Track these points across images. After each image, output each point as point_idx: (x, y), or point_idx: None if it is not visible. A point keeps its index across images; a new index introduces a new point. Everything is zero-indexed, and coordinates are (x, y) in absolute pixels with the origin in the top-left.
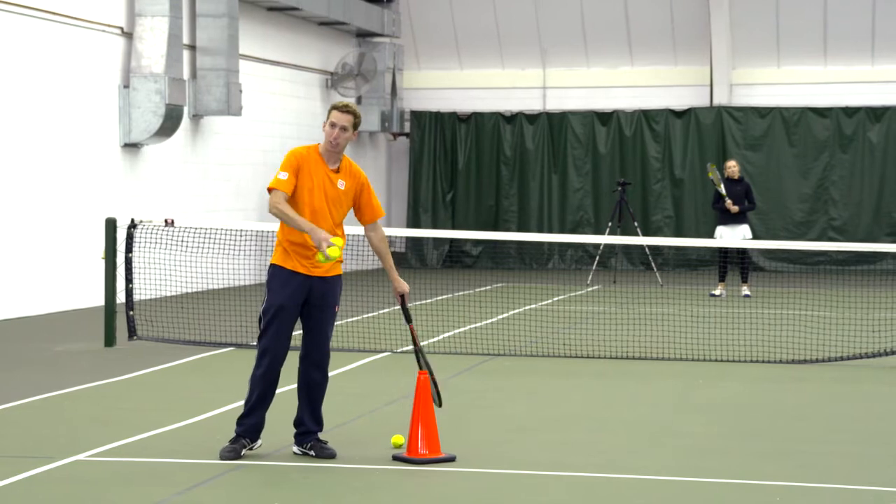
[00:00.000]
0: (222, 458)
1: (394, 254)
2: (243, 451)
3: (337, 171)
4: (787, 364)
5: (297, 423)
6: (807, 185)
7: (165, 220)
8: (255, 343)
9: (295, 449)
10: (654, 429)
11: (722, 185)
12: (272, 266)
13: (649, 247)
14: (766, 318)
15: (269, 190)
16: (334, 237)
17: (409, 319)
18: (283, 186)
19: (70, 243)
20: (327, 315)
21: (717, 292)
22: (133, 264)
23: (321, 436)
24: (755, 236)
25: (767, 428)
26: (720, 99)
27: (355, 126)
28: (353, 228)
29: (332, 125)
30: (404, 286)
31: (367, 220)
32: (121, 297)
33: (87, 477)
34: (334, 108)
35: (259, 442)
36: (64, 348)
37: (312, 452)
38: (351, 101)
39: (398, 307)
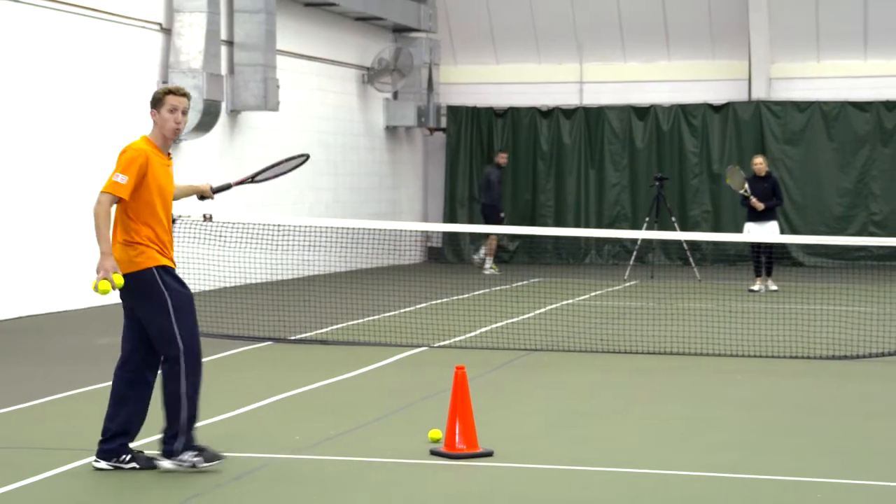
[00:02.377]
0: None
1: (430, 249)
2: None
3: (169, 157)
4: (826, 360)
5: (122, 433)
6: (846, 180)
7: (204, 215)
8: (294, 338)
9: (103, 464)
10: (693, 424)
11: (746, 185)
12: (155, 269)
13: (687, 242)
14: (805, 314)
15: (102, 191)
16: (116, 274)
17: (229, 186)
18: (121, 191)
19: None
20: None
21: (755, 288)
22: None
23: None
24: (793, 231)
25: (807, 424)
26: (758, 93)
27: (189, 108)
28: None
29: (173, 109)
30: (206, 185)
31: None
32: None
33: (126, 470)
34: (168, 92)
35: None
36: (106, 342)
37: (135, 465)
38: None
39: (428, 303)
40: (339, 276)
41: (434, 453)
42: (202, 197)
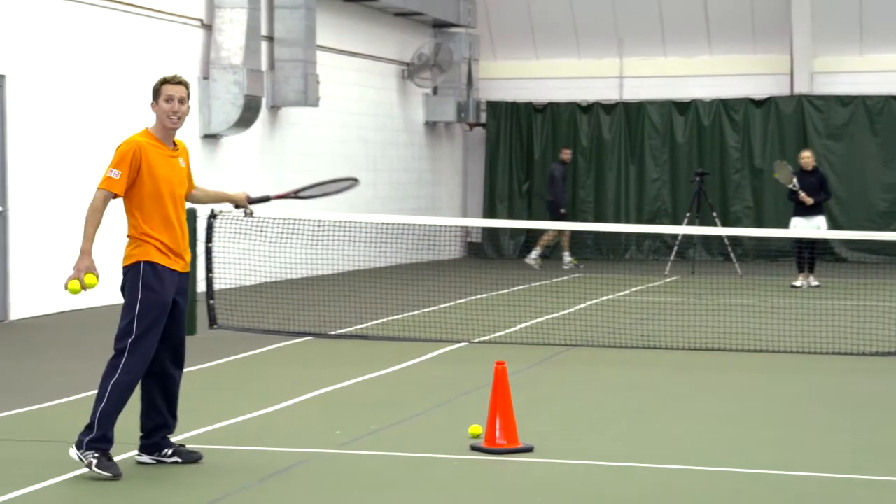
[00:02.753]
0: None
1: (470, 244)
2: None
3: (175, 149)
4: (870, 356)
5: (156, 427)
6: (891, 175)
7: (245, 211)
8: (334, 333)
9: (146, 458)
10: (734, 421)
11: (795, 180)
12: (145, 263)
13: (728, 237)
14: (848, 310)
15: (97, 188)
16: (90, 274)
17: (268, 199)
18: (115, 187)
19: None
20: (185, 310)
21: (797, 283)
22: (213, 254)
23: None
24: (836, 226)
25: (849, 421)
26: (801, 87)
27: (189, 97)
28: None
29: (170, 99)
30: (242, 195)
31: (189, 189)
32: (201, 287)
33: (169, 463)
34: (165, 81)
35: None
36: None
37: (177, 459)
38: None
39: (468, 298)
40: (378, 271)
41: (474, 449)
42: (238, 206)
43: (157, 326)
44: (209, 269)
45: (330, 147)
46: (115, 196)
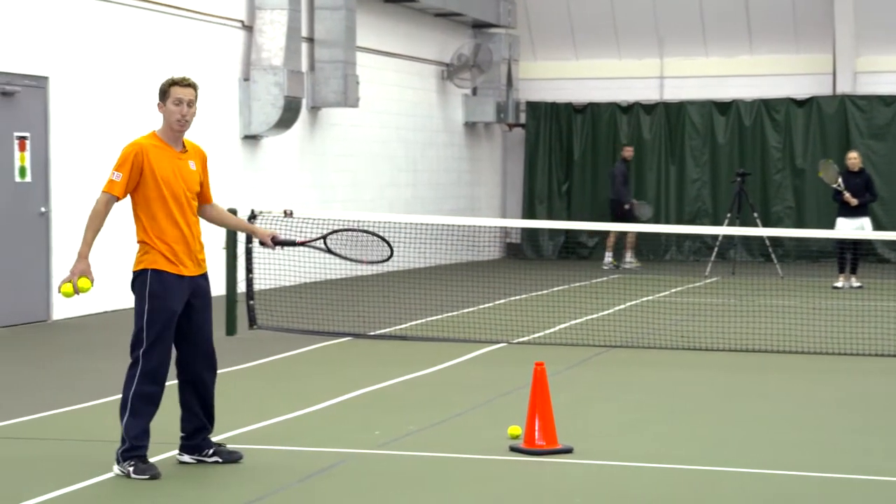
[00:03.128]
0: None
1: (509, 245)
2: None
3: (184, 151)
4: None
5: (195, 430)
6: None
7: (284, 211)
8: (373, 334)
9: (187, 458)
10: (774, 423)
11: (840, 181)
12: (151, 272)
13: (769, 238)
14: (890, 311)
15: (102, 190)
16: (84, 278)
17: (294, 243)
18: (115, 189)
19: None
20: (209, 313)
21: (839, 284)
22: (253, 254)
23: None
24: (879, 227)
25: (893, 422)
26: (843, 87)
27: (196, 99)
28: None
29: (178, 101)
30: (269, 233)
31: (204, 201)
32: (241, 287)
33: (209, 463)
34: (173, 83)
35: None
36: None
37: (217, 458)
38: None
39: (507, 299)
40: (417, 272)
41: (513, 449)
42: (262, 243)
43: (167, 334)
44: (249, 270)
45: (369, 148)
46: (117, 199)
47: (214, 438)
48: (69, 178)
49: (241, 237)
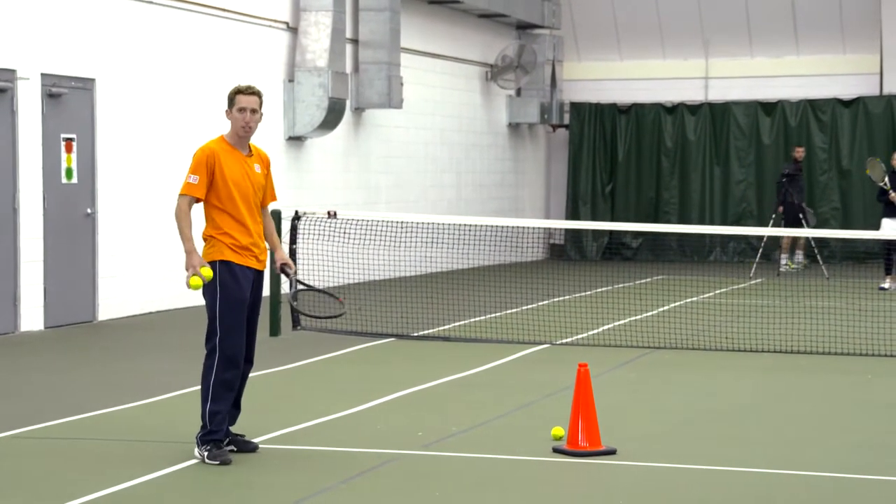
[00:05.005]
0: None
1: (553, 246)
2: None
3: (250, 155)
4: None
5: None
6: None
7: (328, 212)
8: (416, 334)
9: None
10: (820, 424)
11: (886, 179)
12: (220, 263)
13: (815, 239)
14: None
15: (179, 194)
16: (205, 268)
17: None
18: (195, 191)
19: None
20: (258, 308)
21: (885, 285)
22: (297, 255)
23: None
24: None
25: None
26: (891, 87)
27: (261, 106)
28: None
29: (242, 109)
30: (283, 260)
31: (265, 203)
32: (285, 288)
33: (254, 463)
34: (238, 91)
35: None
36: None
37: (233, 447)
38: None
39: (550, 300)
40: (461, 272)
41: (557, 451)
42: (275, 261)
43: (240, 322)
44: (294, 272)
45: (413, 149)
46: (197, 200)
47: (256, 438)
48: (115, 179)
49: (286, 238)
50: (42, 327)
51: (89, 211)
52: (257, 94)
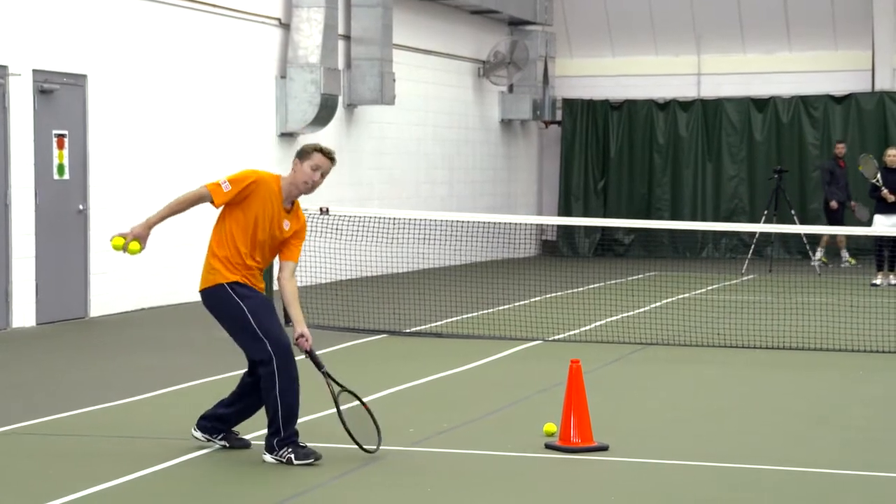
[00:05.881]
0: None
1: (546, 242)
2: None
3: (289, 211)
4: None
5: (228, 416)
6: None
7: (320, 209)
8: (409, 331)
9: (199, 435)
10: (812, 420)
11: (879, 175)
12: (227, 284)
13: (806, 235)
14: None
15: (205, 185)
16: (135, 242)
17: (316, 363)
18: (217, 196)
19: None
20: None
21: (877, 282)
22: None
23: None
24: None
25: None
26: (882, 84)
27: (329, 173)
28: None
29: (316, 168)
30: (301, 334)
31: (285, 258)
32: (276, 285)
33: (249, 459)
34: (320, 151)
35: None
36: (225, 334)
37: (227, 444)
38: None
39: (542, 296)
40: (453, 269)
41: (549, 447)
42: (294, 332)
43: (275, 319)
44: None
45: (405, 145)
46: (212, 203)
47: (247, 435)
48: (107, 175)
49: None
50: (34, 324)
51: (81, 207)
52: (334, 160)
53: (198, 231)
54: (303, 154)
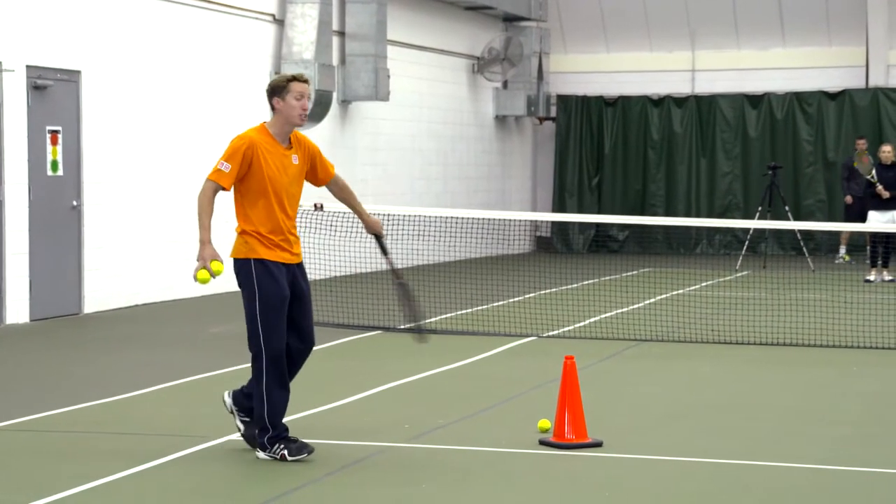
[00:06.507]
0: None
1: (540, 238)
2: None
3: (289, 147)
4: None
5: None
6: None
7: (315, 205)
8: (403, 327)
9: (228, 400)
10: (806, 416)
11: (873, 172)
12: (255, 261)
13: (800, 231)
14: None
15: (207, 178)
16: (215, 262)
17: (386, 253)
18: (223, 180)
19: (223, 227)
20: (309, 300)
21: (871, 278)
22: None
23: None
24: None
25: None
26: (876, 80)
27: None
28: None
29: (300, 96)
30: (378, 225)
31: (323, 181)
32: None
33: (241, 456)
34: (293, 79)
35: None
36: (219, 330)
37: (241, 430)
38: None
39: (537, 293)
40: (448, 265)
41: (543, 443)
42: (367, 229)
43: (281, 319)
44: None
45: (400, 141)
46: (223, 189)
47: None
48: (101, 172)
49: None
50: (28, 320)
51: (75, 203)
52: (308, 81)
53: (191, 228)
54: (279, 91)
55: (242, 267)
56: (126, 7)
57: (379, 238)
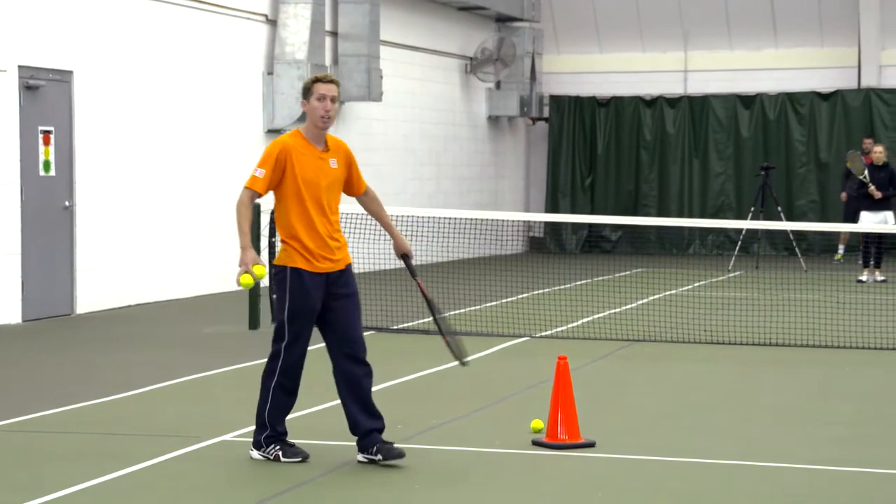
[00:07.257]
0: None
1: (532, 239)
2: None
3: (326, 150)
4: None
5: (355, 425)
6: None
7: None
8: (396, 327)
9: (360, 457)
10: (798, 417)
11: (866, 172)
12: (291, 270)
13: (793, 232)
14: None
15: (244, 186)
16: (257, 266)
17: (414, 275)
18: (258, 186)
19: (216, 227)
20: (351, 304)
21: (863, 278)
22: (276, 248)
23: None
24: None
25: None
26: (868, 80)
27: (339, 95)
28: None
29: (322, 98)
30: (406, 245)
31: (357, 192)
32: (265, 282)
33: (234, 457)
34: (316, 80)
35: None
36: (212, 330)
37: (380, 456)
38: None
39: (530, 293)
40: (440, 266)
41: (536, 443)
42: (396, 249)
43: (307, 330)
44: (272, 264)
45: (393, 142)
46: (259, 195)
47: (236, 432)
48: (93, 172)
49: (265, 232)
50: (20, 320)
51: (67, 203)
52: (336, 82)
53: (183, 228)
54: (305, 93)
55: (278, 274)
56: (118, 7)
57: (407, 259)
